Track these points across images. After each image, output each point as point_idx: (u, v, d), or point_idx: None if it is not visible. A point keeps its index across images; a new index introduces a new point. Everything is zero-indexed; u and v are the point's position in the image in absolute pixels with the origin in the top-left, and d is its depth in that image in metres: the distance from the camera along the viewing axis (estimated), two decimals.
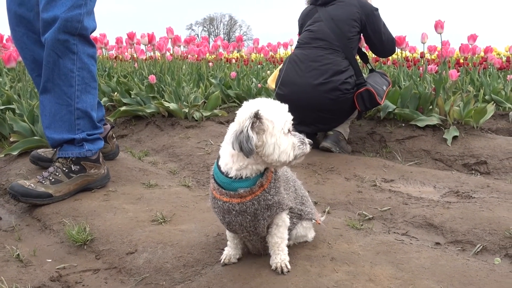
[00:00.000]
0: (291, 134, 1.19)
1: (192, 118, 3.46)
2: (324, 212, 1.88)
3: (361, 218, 1.87)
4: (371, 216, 1.87)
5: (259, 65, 6.44)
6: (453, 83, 3.22)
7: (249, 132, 1.10)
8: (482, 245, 1.56)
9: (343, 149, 2.87)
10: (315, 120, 2.77)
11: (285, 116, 1.17)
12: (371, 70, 3.12)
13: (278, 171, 1.26)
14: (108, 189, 2.15)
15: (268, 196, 1.21)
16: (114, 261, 1.51)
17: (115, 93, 4.17)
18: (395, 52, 3.29)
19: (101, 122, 2.37)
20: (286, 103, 1.21)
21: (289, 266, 1.29)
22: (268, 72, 5.37)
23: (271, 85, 3.08)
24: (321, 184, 2.27)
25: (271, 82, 3.10)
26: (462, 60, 5.57)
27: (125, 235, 1.64)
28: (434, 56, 5.20)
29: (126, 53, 5.89)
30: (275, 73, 3.13)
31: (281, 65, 3.00)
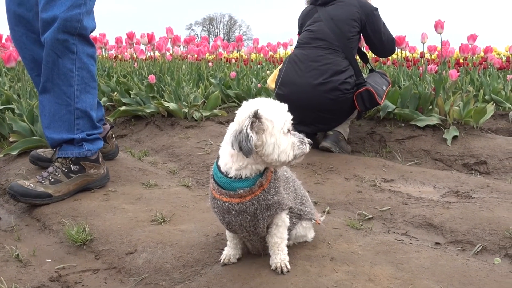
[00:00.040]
0: (291, 133, 1.19)
1: (192, 118, 3.46)
2: (324, 212, 1.88)
3: (361, 218, 1.87)
4: (371, 216, 1.87)
5: (258, 65, 6.44)
6: (453, 83, 3.22)
7: (249, 131, 1.09)
8: (482, 245, 1.56)
9: (342, 149, 2.87)
10: (314, 120, 2.77)
11: (284, 115, 1.17)
12: (371, 70, 3.12)
13: (278, 171, 1.26)
14: (107, 189, 2.15)
15: (267, 196, 1.21)
16: (113, 261, 1.51)
17: (115, 93, 4.17)
18: (395, 52, 3.29)
19: (101, 122, 2.37)
20: (286, 103, 1.21)
21: (288, 266, 1.29)
22: (267, 72, 5.37)
23: (271, 85, 3.07)
24: (320, 184, 2.27)
25: (271, 82, 3.10)
26: (462, 60, 5.57)
27: (124, 235, 1.64)
28: (434, 56, 5.20)
29: (126, 53, 5.88)
30: (274, 73, 3.13)
31: (280, 65, 3.00)
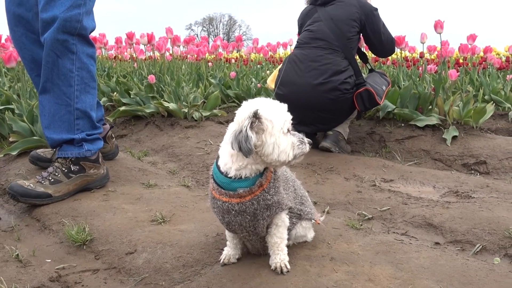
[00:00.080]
0: (291, 133, 1.19)
1: (192, 118, 3.46)
2: (324, 212, 1.88)
3: (361, 218, 1.87)
4: (371, 216, 1.87)
5: (258, 65, 6.44)
6: (452, 83, 3.22)
7: (248, 131, 1.09)
8: (482, 245, 1.56)
9: (342, 149, 2.87)
10: (314, 120, 2.77)
11: (284, 115, 1.17)
12: (371, 70, 3.12)
13: (278, 171, 1.26)
14: (107, 189, 2.15)
15: (267, 196, 1.21)
16: (113, 261, 1.51)
17: (115, 93, 4.17)
18: (395, 52, 3.29)
19: (100, 122, 2.37)
20: (286, 103, 1.21)
21: (288, 266, 1.29)
22: (267, 72, 5.37)
23: (271, 85, 3.08)
24: (320, 184, 2.27)
25: (271, 82, 3.10)
26: (461, 60, 5.57)
27: (124, 235, 1.64)
28: (433, 56, 5.20)
29: (126, 53, 5.88)
30: (274, 73, 3.13)
31: (280, 65, 3.00)
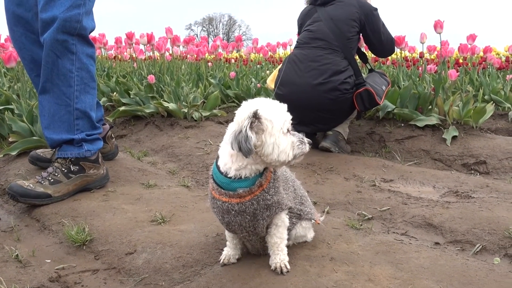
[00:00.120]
0: (290, 133, 1.19)
1: (191, 118, 3.46)
2: (324, 212, 1.88)
3: (361, 218, 1.87)
4: (371, 216, 1.87)
5: (258, 65, 6.45)
6: (452, 83, 3.22)
7: (248, 132, 1.09)
8: (482, 245, 1.56)
9: (342, 149, 2.87)
10: (314, 120, 2.77)
11: (284, 115, 1.17)
12: (371, 70, 3.12)
13: (277, 171, 1.26)
14: (107, 190, 2.15)
15: (267, 196, 1.21)
16: (113, 261, 1.51)
17: (114, 93, 4.17)
18: (395, 52, 3.29)
19: (100, 122, 2.37)
20: (285, 103, 1.21)
21: (288, 266, 1.29)
22: (267, 72, 5.37)
23: (270, 85, 3.08)
24: (320, 184, 2.27)
25: (270, 82, 3.10)
26: (461, 60, 5.57)
27: (124, 235, 1.64)
28: (433, 56, 5.20)
29: (125, 53, 5.89)
30: (274, 73, 3.13)
31: (280, 65, 3.00)
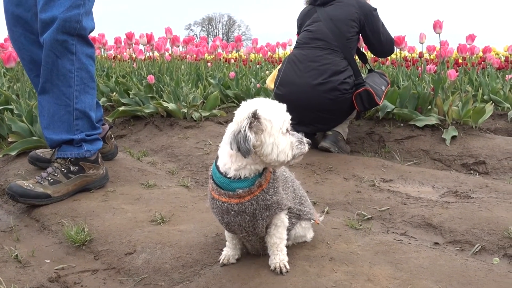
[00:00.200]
0: (290, 133, 1.19)
1: (191, 118, 3.46)
2: (323, 212, 1.88)
3: (360, 218, 1.87)
4: (370, 216, 1.87)
5: (258, 65, 6.45)
6: (451, 83, 3.23)
7: (247, 132, 1.09)
8: (481, 245, 1.56)
9: (342, 149, 2.87)
10: (314, 120, 2.77)
11: (283, 115, 1.17)
12: (370, 70, 3.12)
13: (277, 171, 1.26)
14: (106, 190, 2.15)
15: (266, 196, 1.21)
16: (112, 261, 1.51)
17: (114, 93, 4.17)
18: (394, 52, 3.30)
19: (100, 123, 2.37)
20: (285, 103, 1.21)
21: (288, 267, 1.29)
22: (267, 72, 5.37)
23: (270, 85, 3.08)
24: (320, 184, 2.27)
25: (270, 82, 3.10)
26: (460, 60, 5.57)
27: (123, 235, 1.64)
28: (432, 56, 5.20)
29: (125, 53, 5.89)
30: (274, 73, 3.13)
31: (280, 65, 3.00)
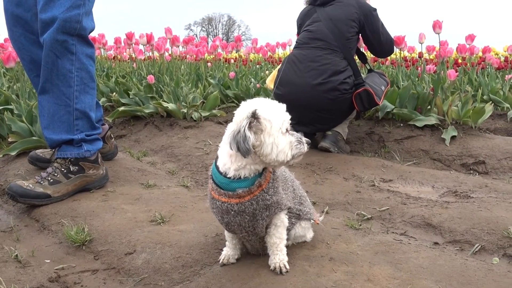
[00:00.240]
0: (289, 133, 1.19)
1: (191, 118, 3.46)
2: (323, 212, 1.88)
3: (360, 218, 1.87)
4: (370, 216, 1.87)
5: (257, 65, 6.45)
6: (451, 83, 3.23)
7: (246, 132, 1.10)
8: (481, 245, 1.56)
9: (341, 149, 2.87)
10: (313, 120, 2.77)
11: (283, 115, 1.17)
12: (370, 70, 3.13)
13: (277, 171, 1.26)
14: (106, 190, 2.15)
15: (266, 196, 1.21)
16: (112, 261, 1.51)
17: (114, 93, 4.17)
18: (394, 52, 3.30)
19: (99, 123, 2.37)
20: (285, 103, 1.21)
21: (287, 266, 1.29)
22: (266, 72, 5.37)
23: (270, 85, 3.08)
24: (319, 184, 2.27)
25: (270, 82, 3.10)
26: (460, 60, 5.58)
27: (123, 235, 1.64)
28: (432, 56, 5.21)
29: (125, 53, 5.89)
30: (273, 73, 3.14)
31: (279, 65, 3.00)
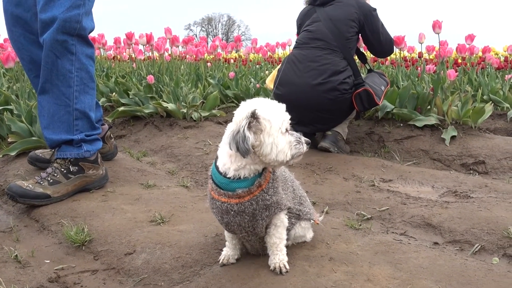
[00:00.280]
0: (289, 133, 1.19)
1: (191, 119, 3.46)
2: (323, 212, 1.88)
3: (360, 218, 1.87)
4: (370, 216, 1.87)
5: (257, 65, 6.45)
6: (451, 83, 3.23)
7: (246, 132, 1.10)
8: (480, 245, 1.56)
9: (341, 149, 2.87)
10: (313, 120, 2.77)
11: (282, 115, 1.17)
12: (370, 70, 3.13)
13: (276, 171, 1.26)
14: (106, 190, 2.15)
15: (266, 196, 1.21)
16: (112, 261, 1.51)
17: (113, 93, 4.17)
18: (394, 52, 3.30)
19: (99, 123, 2.37)
20: (284, 103, 1.21)
21: (287, 266, 1.29)
22: (266, 72, 5.37)
23: (270, 85, 3.08)
24: (319, 184, 2.27)
25: (270, 82, 3.10)
26: (460, 60, 5.58)
27: (123, 235, 1.64)
28: (432, 56, 5.21)
29: (124, 53, 5.88)
30: (273, 73, 3.14)
31: (279, 65, 3.00)
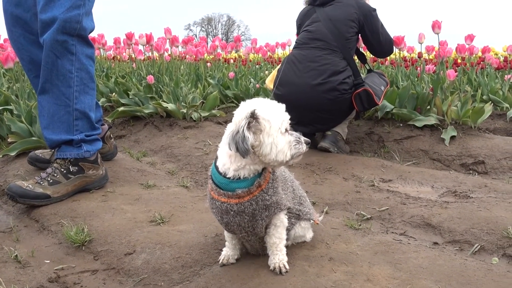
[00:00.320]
0: (288, 133, 1.19)
1: (190, 119, 3.46)
2: (322, 212, 1.88)
3: (359, 218, 1.87)
4: (369, 216, 1.87)
5: (257, 65, 6.45)
6: (450, 83, 3.23)
7: (245, 132, 1.10)
8: (480, 245, 1.56)
9: (341, 149, 2.88)
10: (313, 120, 2.77)
11: (282, 115, 1.17)
12: (369, 70, 3.13)
13: (276, 171, 1.26)
14: (106, 190, 2.15)
15: (266, 197, 1.21)
16: (112, 262, 1.51)
17: (113, 93, 4.17)
18: (393, 52, 3.30)
19: (99, 123, 2.37)
20: (284, 103, 1.21)
21: (287, 266, 1.29)
22: (266, 72, 5.37)
23: (269, 86, 3.08)
24: (319, 184, 2.27)
25: (269, 83, 3.10)
26: (459, 60, 5.58)
27: (123, 235, 1.64)
28: (431, 56, 5.21)
29: (124, 54, 5.88)
30: (273, 73, 3.14)
31: (279, 66, 3.00)
